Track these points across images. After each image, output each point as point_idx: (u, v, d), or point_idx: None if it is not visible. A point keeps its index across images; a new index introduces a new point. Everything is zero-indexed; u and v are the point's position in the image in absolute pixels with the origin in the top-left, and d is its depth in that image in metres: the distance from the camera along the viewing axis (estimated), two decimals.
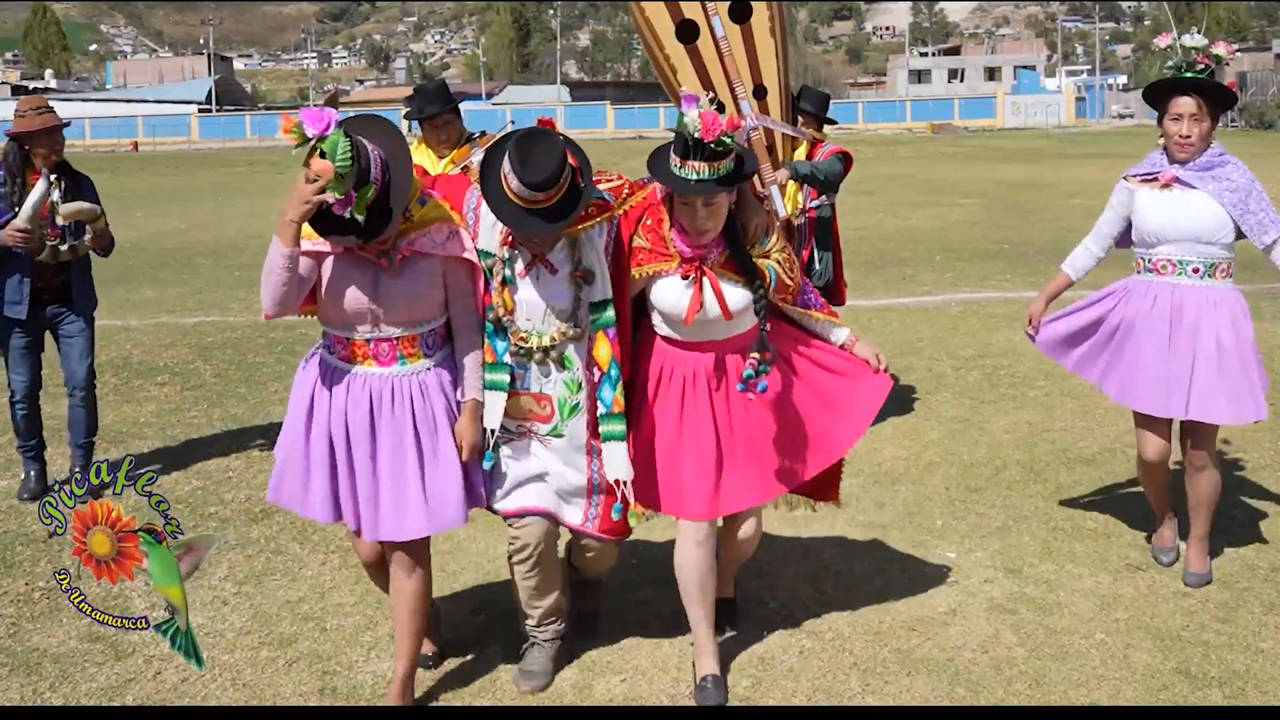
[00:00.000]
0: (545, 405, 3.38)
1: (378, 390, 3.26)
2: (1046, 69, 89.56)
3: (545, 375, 3.36)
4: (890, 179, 24.52)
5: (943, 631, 3.91)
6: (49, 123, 5.16)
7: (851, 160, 5.84)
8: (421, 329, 3.29)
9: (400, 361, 3.28)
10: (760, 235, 3.42)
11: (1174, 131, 4.14)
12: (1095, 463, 5.68)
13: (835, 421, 3.58)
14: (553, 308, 3.31)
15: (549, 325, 3.32)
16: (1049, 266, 12.12)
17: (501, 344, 3.34)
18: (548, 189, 3.10)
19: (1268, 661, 3.71)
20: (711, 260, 3.35)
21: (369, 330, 3.24)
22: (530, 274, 3.31)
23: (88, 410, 5.53)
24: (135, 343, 8.99)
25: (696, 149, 3.15)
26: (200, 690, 3.61)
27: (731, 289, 3.35)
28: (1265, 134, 42.24)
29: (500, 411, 3.34)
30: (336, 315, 3.25)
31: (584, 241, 3.31)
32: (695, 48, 5.23)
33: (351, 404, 3.27)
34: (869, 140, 44.19)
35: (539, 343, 3.31)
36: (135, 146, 54.28)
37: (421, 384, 3.29)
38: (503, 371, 3.34)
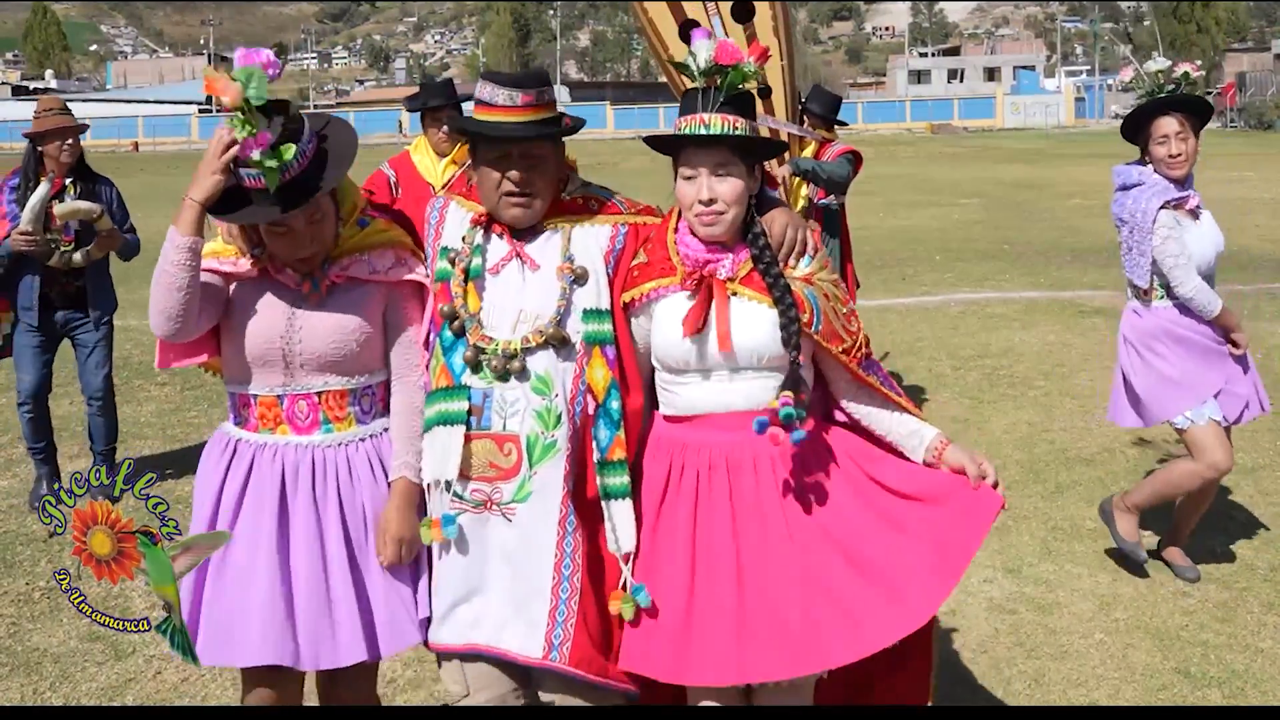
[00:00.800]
0: (510, 452, 2.42)
1: (292, 464, 2.48)
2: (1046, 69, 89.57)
3: (510, 404, 2.42)
4: (890, 179, 24.52)
5: (942, 631, 3.92)
6: (58, 124, 5.14)
7: (861, 160, 5.83)
8: (352, 383, 2.53)
9: (324, 427, 2.50)
10: (795, 250, 2.52)
11: (1163, 154, 4.11)
12: (1095, 463, 5.68)
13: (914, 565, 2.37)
14: (527, 310, 2.48)
15: (521, 327, 2.47)
16: (1048, 267, 12.17)
17: (459, 360, 2.46)
18: (526, 87, 2.43)
19: (1267, 661, 3.71)
20: (725, 272, 2.45)
21: (281, 382, 2.49)
22: (505, 269, 2.51)
23: (106, 419, 5.49)
24: (135, 343, 8.99)
25: (706, 94, 2.42)
26: (200, 690, 3.61)
27: (750, 311, 2.43)
28: (1265, 134, 42.26)
29: (456, 457, 2.42)
30: (241, 361, 2.51)
31: (580, 236, 2.54)
32: None
33: (253, 487, 2.47)
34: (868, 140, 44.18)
35: (506, 347, 2.43)
36: (135, 147, 54.27)
37: (348, 460, 2.51)
38: (460, 398, 2.43)
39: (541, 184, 2.47)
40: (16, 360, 5.36)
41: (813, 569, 2.36)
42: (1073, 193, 20.54)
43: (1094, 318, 9.15)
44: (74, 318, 5.34)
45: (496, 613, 2.42)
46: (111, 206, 5.32)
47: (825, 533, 2.40)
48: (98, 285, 5.36)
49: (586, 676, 2.40)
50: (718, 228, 2.42)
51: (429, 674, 3.71)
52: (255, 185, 2.35)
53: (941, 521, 2.41)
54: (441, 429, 2.44)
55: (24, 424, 5.44)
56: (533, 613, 2.40)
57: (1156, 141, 4.12)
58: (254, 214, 2.39)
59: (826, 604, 2.34)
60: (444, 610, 2.46)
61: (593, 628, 2.42)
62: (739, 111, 2.44)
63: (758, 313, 2.42)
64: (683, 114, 2.47)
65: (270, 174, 2.32)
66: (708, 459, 2.44)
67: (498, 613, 2.42)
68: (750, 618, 2.35)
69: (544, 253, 2.51)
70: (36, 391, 5.37)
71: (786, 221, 2.52)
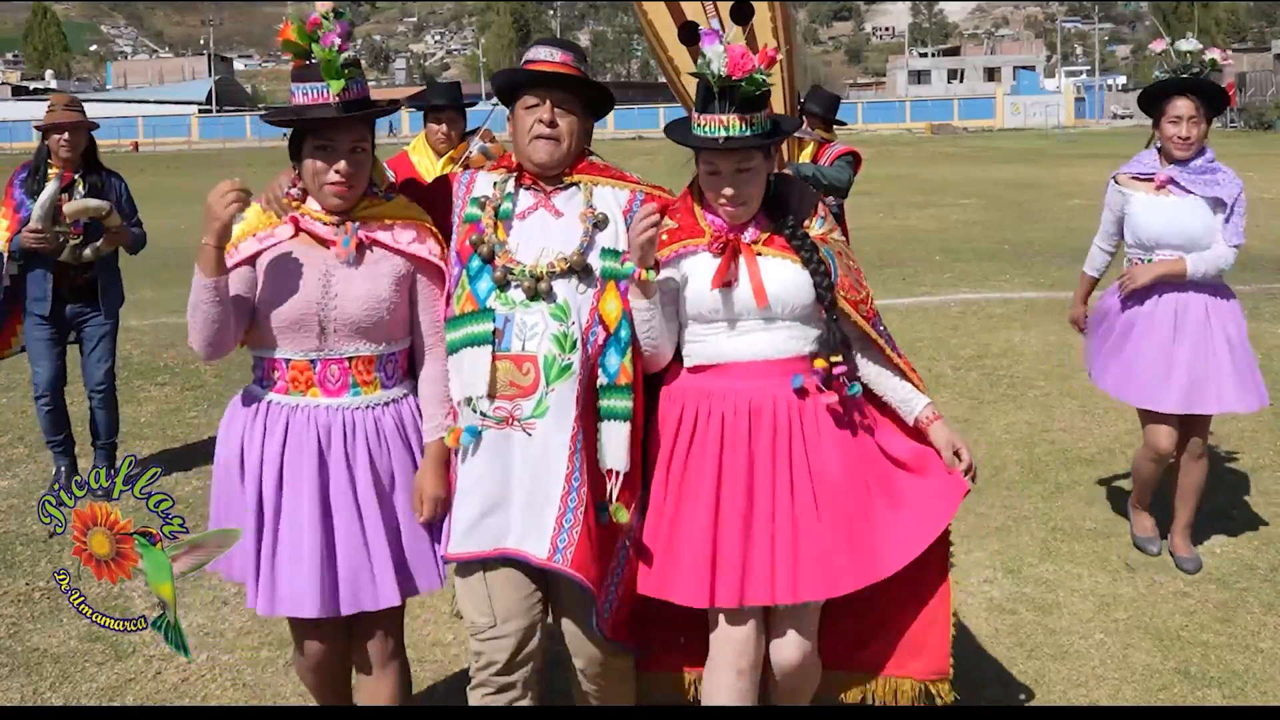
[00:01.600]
0: (528, 371, 2.62)
1: (324, 425, 2.65)
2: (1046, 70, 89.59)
3: (530, 328, 2.62)
4: (890, 179, 24.52)
5: None
6: (58, 118, 5.18)
7: (860, 161, 5.82)
8: (379, 350, 2.70)
9: (352, 390, 2.68)
10: (809, 215, 2.75)
11: (1173, 133, 4.20)
12: (1094, 463, 5.68)
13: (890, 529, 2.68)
14: (549, 249, 2.68)
15: (544, 258, 2.67)
16: (1048, 267, 12.16)
17: (485, 286, 2.66)
18: (567, 50, 2.75)
19: (1267, 661, 3.71)
20: (750, 237, 2.68)
21: (315, 347, 2.65)
22: (531, 216, 2.74)
23: (107, 411, 5.52)
24: (135, 343, 8.99)
25: (724, 96, 2.56)
26: (200, 690, 3.62)
27: (778, 265, 2.65)
28: (1265, 134, 42.26)
29: (484, 375, 2.61)
30: (274, 327, 2.64)
31: (600, 193, 2.77)
32: (698, 49, 5.24)
33: (292, 445, 2.63)
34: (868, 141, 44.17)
35: (531, 268, 2.64)
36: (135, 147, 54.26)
37: (377, 421, 2.70)
38: (485, 321, 2.63)
39: (567, 129, 2.70)
40: (31, 354, 5.39)
41: (822, 508, 2.60)
42: (1073, 193, 20.53)
43: None
44: (83, 312, 5.37)
45: (519, 520, 2.62)
46: (121, 201, 5.36)
47: (832, 478, 2.63)
48: (108, 280, 5.39)
49: (584, 581, 2.60)
50: (742, 215, 2.67)
51: (429, 673, 3.72)
52: (315, 99, 2.59)
53: (922, 490, 2.70)
54: (469, 350, 2.64)
55: (42, 417, 5.46)
56: (544, 519, 2.60)
57: (1169, 119, 4.21)
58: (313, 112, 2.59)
59: (832, 540, 2.59)
60: (471, 521, 2.63)
61: (594, 539, 2.62)
62: (755, 108, 2.58)
63: (785, 267, 2.65)
64: (700, 111, 2.61)
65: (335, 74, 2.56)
66: (733, 404, 2.64)
67: (520, 520, 2.62)
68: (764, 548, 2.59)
69: (568, 204, 2.75)
70: (53, 383, 5.38)
71: (801, 190, 2.80)
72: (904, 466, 2.74)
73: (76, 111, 5.26)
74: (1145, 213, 4.26)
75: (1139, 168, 4.34)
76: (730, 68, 2.55)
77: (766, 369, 2.65)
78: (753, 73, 2.55)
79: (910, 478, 2.73)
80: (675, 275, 2.69)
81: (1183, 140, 4.17)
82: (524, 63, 2.76)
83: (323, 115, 2.57)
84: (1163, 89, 4.23)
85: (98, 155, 5.38)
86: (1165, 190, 4.24)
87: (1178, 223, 4.21)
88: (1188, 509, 4.46)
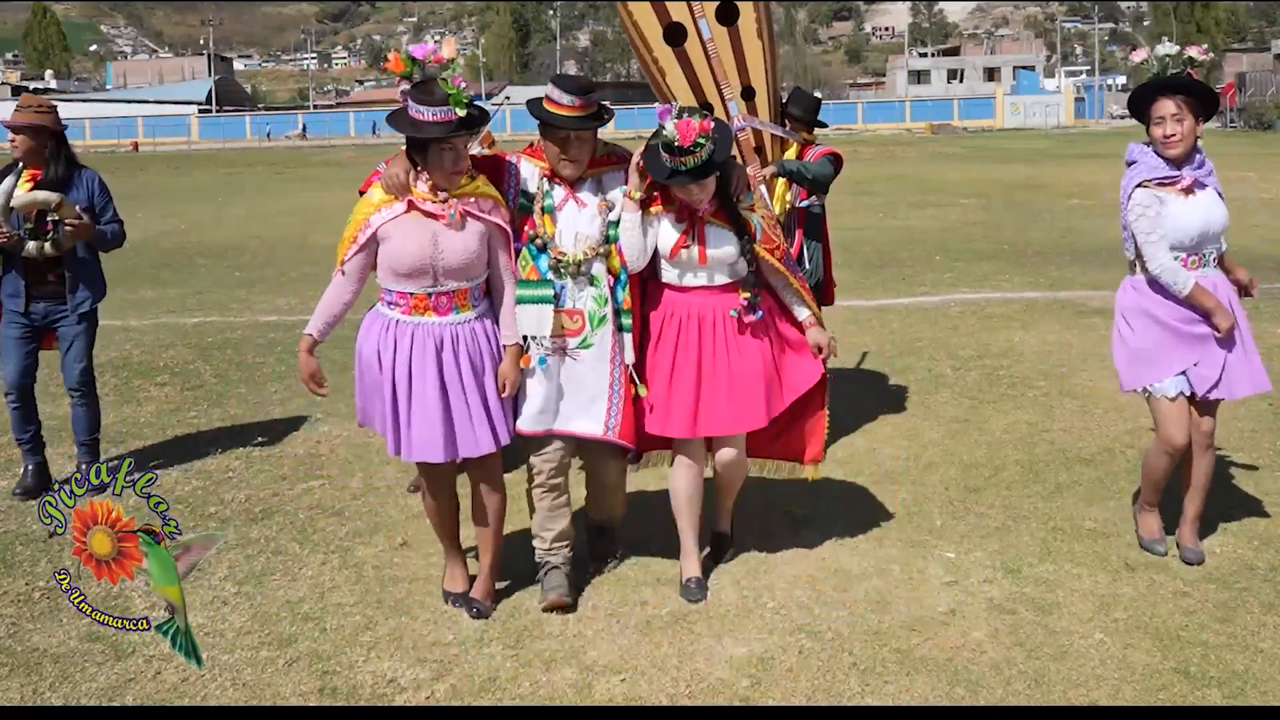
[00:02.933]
0: (577, 319, 4.03)
1: (438, 336, 3.85)
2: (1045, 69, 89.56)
3: (579, 291, 4.02)
4: (889, 179, 24.52)
5: (942, 631, 3.92)
6: (27, 120, 5.20)
7: (841, 162, 5.79)
8: (471, 283, 3.88)
9: (455, 311, 3.87)
10: (742, 190, 4.17)
11: (1158, 134, 4.26)
12: (1094, 463, 5.68)
13: (781, 386, 4.25)
14: (584, 233, 4.03)
15: (580, 245, 4.01)
16: (1048, 267, 12.16)
17: (544, 263, 4.01)
18: (585, 94, 3.93)
19: (1267, 661, 3.71)
20: (704, 211, 4.09)
21: (429, 284, 3.81)
22: (565, 207, 4.04)
23: (86, 409, 5.52)
24: (135, 343, 8.99)
25: (679, 149, 3.91)
26: (200, 690, 3.61)
27: (719, 234, 4.10)
28: (1264, 134, 42.28)
29: (549, 322, 3.97)
30: (400, 273, 3.80)
31: (608, 181, 4.11)
32: (683, 50, 5.24)
33: (417, 349, 3.83)
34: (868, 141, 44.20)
35: (574, 257, 3.99)
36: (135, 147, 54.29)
37: (472, 330, 3.90)
38: (548, 287, 3.99)
39: (584, 153, 4.04)
40: (2, 351, 5.38)
41: (745, 375, 4.14)
42: (1072, 193, 20.54)
43: (1094, 318, 9.15)
44: (54, 310, 5.36)
45: (565, 409, 4.07)
46: (92, 198, 5.35)
47: (750, 357, 4.15)
48: (78, 276, 5.36)
49: (626, 444, 4.19)
50: (702, 207, 4.11)
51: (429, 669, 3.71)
52: (443, 119, 3.69)
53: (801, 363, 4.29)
54: (535, 306, 3.99)
55: (11, 415, 5.46)
56: (596, 408, 4.09)
57: (1154, 122, 4.27)
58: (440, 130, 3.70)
59: (750, 392, 4.14)
60: (533, 411, 4.04)
61: (629, 414, 4.14)
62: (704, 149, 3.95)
63: (724, 235, 4.12)
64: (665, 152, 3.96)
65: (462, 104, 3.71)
66: (688, 311, 4.16)
67: (566, 409, 4.07)
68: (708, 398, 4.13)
69: (587, 195, 4.10)
70: (20, 381, 5.38)
71: (731, 174, 4.15)
72: (793, 344, 4.29)
73: (42, 113, 5.26)
74: (1183, 214, 4.25)
75: (1160, 173, 4.30)
76: (681, 139, 3.89)
77: (709, 291, 4.16)
78: (695, 139, 3.89)
79: (795, 356, 4.28)
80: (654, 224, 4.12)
81: (1168, 138, 4.22)
82: (547, 99, 3.96)
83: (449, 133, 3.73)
84: (1144, 92, 4.32)
85: (69, 152, 5.37)
86: (1193, 191, 4.27)
87: (1210, 219, 4.28)
88: (1196, 502, 4.48)
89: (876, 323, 9.26)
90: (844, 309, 7.44)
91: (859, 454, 5.87)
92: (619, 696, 3.55)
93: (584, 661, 3.75)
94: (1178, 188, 4.26)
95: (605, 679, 3.64)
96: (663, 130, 3.92)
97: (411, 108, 3.71)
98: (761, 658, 3.75)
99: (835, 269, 6.17)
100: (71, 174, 5.32)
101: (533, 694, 3.57)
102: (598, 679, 3.64)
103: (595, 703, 3.52)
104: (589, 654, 3.79)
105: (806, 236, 5.81)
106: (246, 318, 10.13)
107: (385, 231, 3.82)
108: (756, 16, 5.26)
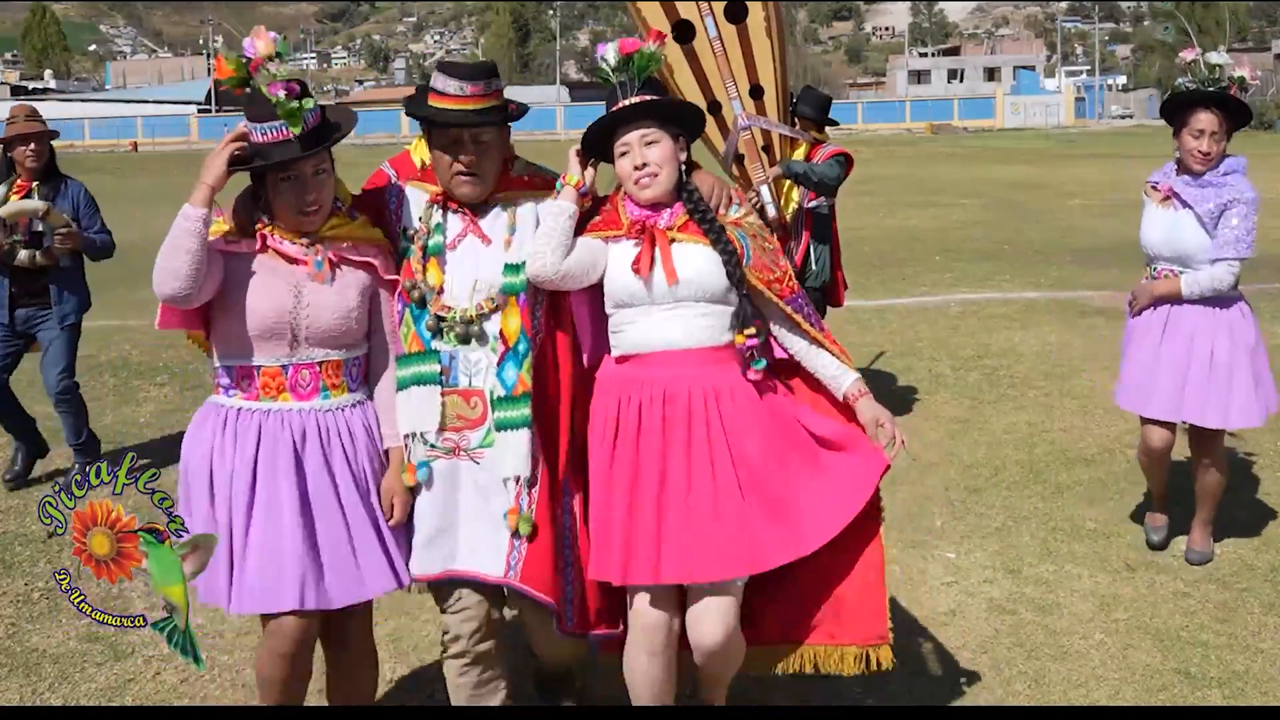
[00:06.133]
0: (476, 404, 2.84)
1: (299, 428, 2.75)
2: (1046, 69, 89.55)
3: (474, 364, 2.84)
4: (889, 179, 24.51)
5: (943, 631, 3.92)
6: (22, 129, 5.20)
7: (852, 162, 5.78)
8: (345, 355, 2.83)
9: (323, 394, 2.79)
10: (722, 202, 2.95)
11: (1193, 146, 4.14)
12: (1095, 463, 5.68)
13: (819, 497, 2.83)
14: (481, 280, 2.86)
15: (478, 296, 2.86)
16: (1048, 267, 12.16)
17: (425, 328, 2.86)
18: (479, 80, 2.79)
19: (1267, 662, 3.71)
20: (665, 223, 2.88)
21: (285, 353, 2.76)
22: (461, 244, 2.89)
23: (70, 414, 5.53)
24: (135, 343, 8.99)
25: (624, 88, 2.87)
26: (200, 690, 3.61)
27: (691, 250, 2.84)
28: (1265, 134, 42.24)
29: (436, 412, 2.82)
30: (245, 335, 2.75)
31: (524, 211, 2.92)
32: (691, 48, 5.24)
33: (265, 450, 2.73)
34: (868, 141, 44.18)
35: (464, 314, 2.83)
36: (135, 147, 54.25)
37: (348, 423, 2.82)
38: (432, 361, 2.83)
39: (488, 164, 2.84)
40: None
41: (744, 488, 2.76)
42: (1073, 193, 20.54)
43: (1094, 318, 9.14)
44: (36, 316, 5.38)
45: (466, 541, 2.84)
46: (78, 208, 5.37)
47: (752, 458, 2.77)
48: (63, 285, 5.38)
49: (535, 593, 2.82)
50: (654, 189, 2.85)
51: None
52: (276, 138, 2.66)
53: (846, 464, 2.84)
54: (417, 389, 2.84)
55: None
56: (498, 539, 2.83)
57: (1191, 132, 4.14)
58: (277, 153, 2.67)
59: (756, 517, 2.75)
60: (422, 543, 2.84)
61: (545, 550, 2.85)
62: (653, 91, 2.87)
63: (698, 251, 2.83)
64: (609, 107, 2.87)
65: (294, 116, 2.64)
66: (649, 393, 2.81)
67: (467, 541, 2.84)
68: (679, 528, 2.74)
69: (494, 227, 2.90)
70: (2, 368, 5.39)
71: (713, 181, 2.95)
72: (829, 442, 2.88)
73: (37, 121, 5.28)
74: (1149, 224, 4.29)
75: (1157, 176, 4.32)
76: (622, 47, 2.86)
77: (683, 358, 2.82)
78: (642, 49, 2.85)
79: (834, 453, 2.87)
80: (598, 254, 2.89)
81: (1202, 155, 4.13)
82: (430, 91, 2.83)
83: (288, 155, 2.67)
84: (1191, 99, 4.16)
85: (55, 161, 5.42)
86: (1169, 203, 4.22)
87: (1172, 237, 4.20)
88: (1203, 508, 4.50)
89: (877, 323, 9.26)
90: (844, 309, 7.42)
91: None
92: (619, 696, 3.54)
93: (584, 661, 3.74)
94: (1159, 194, 4.24)
95: (605, 679, 3.63)
96: (605, 59, 2.91)
97: (251, 128, 2.70)
98: None
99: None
100: (58, 184, 5.35)
101: (533, 694, 3.56)
102: (598, 679, 3.64)
103: (595, 702, 3.51)
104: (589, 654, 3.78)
105: (813, 239, 5.80)
106: None
107: (233, 274, 2.76)
108: (766, 14, 5.26)
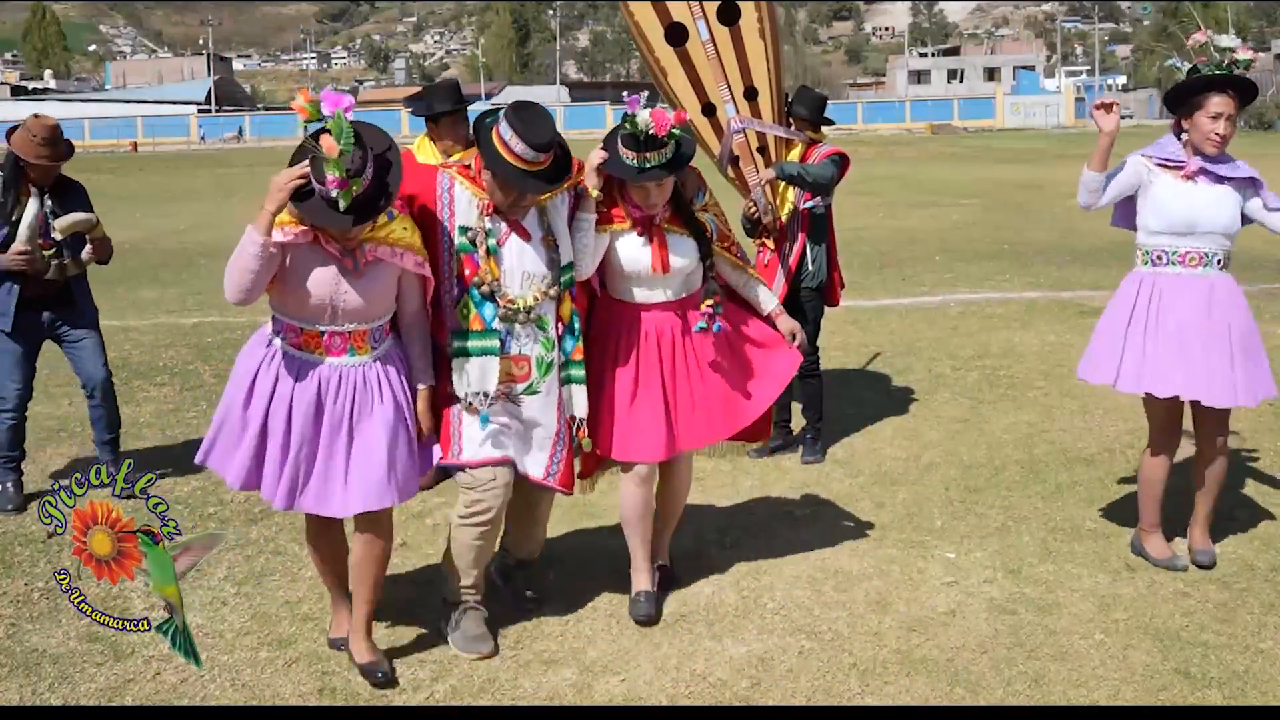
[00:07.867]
0: (523, 366, 3.70)
1: (326, 378, 3.49)
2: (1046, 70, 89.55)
3: (525, 337, 3.68)
4: (889, 179, 24.52)
5: (942, 632, 3.91)
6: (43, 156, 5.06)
7: (848, 162, 5.73)
8: (370, 325, 3.52)
9: (350, 353, 3.51)
10: (694, 192, 4.00)
11: (1211, 129, 4.13)
12: (1094, 463, 5.68)
13: (755, 386, 4.13)
14: (531, 271, 3.68)
15: (529, 288, 3.67)
16: (1048, 267, 12.17)
17: (490, 311, 3.64)
18: (549, 150, 3.51)
19: (1267, 662, 3.71)
20: (659, 219, 3.91)
21: (325, 322, 3.46)
22: (508, 242, 3.66)
23: (108, 409, 5.46)
24: (135, 343, 8.99)
25: (649, 143, 3.70)
26: (200, 690, 3.61)
27: (678, 242, 3.94)
28: (1265, 134, 42.26)
29: (495, 376, 3.63)
30: (297, 306, 3.45)
31: (550, 209, 3.74)
32: (685, 50, 5.23)
33: (299, 390, 3.48)
34: (868, 140, 44.20)
35: (524, 304, 3.64)
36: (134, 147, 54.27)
37: (363, 375, 3.53)
38: (493, 338, 3.64)
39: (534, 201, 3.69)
40: (2, 368, 5.25)
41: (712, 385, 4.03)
42: (1073, 193, 20.41)
43: (1094, 318, 9.06)
44: (58, 319, 5.31)
45: (514, 448, 3.73)
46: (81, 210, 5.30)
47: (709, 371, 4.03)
48: (81, 289, 5.36)
49: (560, 489, 3.84)
50: (657, 210, 3.92)
51: None
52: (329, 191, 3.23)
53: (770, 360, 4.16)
54: (478, 358, 3.65)
55: (5, 432, 5.30)
56: (539, 456, 3.77)
57: (1209, 115, 4.13)
58: (329, 219, 3.29)
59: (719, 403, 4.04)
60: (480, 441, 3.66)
61: (569, 463, 3.85)
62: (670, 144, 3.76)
63: (682, 242, 3.96)
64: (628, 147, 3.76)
65: (345, 197, 3.24)
66: (644, 329, 3.98)
67: (515, 448, 3.73)
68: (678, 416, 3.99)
69: (531, 224, 3.72)
70: (24, 397, 5.30)
71: (684, 178, 3.95)
72: (759, 343, 4.14)
73: (57, 149, 5.12)
74: (1173, 198, 4.20)
75: (1164, 154, 4.27)
76: (657, 129, 3.68)
77: (665, 306, 3.98)
78: (670, 129, 3.70)
79: (764, 350, 4.14)
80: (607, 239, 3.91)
81: (1220, 138, 4.12)
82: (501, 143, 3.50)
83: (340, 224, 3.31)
84: (1207, 83, 4.15)
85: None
86: (1196, 179, 4.20)
87: (1210, 210, 4.18)
88: (1205, 503, 4.44)
89: (876, 323, 9.26)
90: (844, 309, 7.42)
91: (859, 454, 5.87)
92: (619, 696, 3.55)
93: (584, 661, 3.75)
94: (1181, 173, 4.21)
95: (605, 679, 3.64)
96: (634, 120, 3.67)
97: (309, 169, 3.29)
98: (761, 658, 3.75)
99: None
100: (66, 188, 5.30)
101: (533, 694, 3.57)
102: (598, 679, 3.64)
103: (595, 703, 3.52)
104: (589, 654, 3.79)
105: (810, 239, 5.75)
106: (246, 318, 10.10)
107: (290, 255, 3.42)
108: (759, 16, 5.24)
